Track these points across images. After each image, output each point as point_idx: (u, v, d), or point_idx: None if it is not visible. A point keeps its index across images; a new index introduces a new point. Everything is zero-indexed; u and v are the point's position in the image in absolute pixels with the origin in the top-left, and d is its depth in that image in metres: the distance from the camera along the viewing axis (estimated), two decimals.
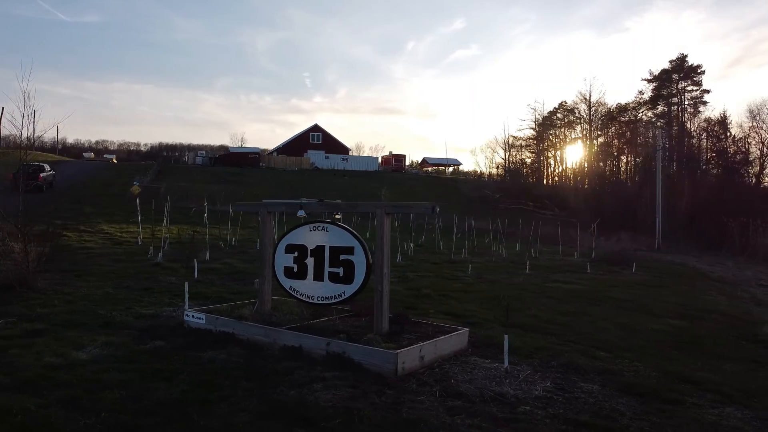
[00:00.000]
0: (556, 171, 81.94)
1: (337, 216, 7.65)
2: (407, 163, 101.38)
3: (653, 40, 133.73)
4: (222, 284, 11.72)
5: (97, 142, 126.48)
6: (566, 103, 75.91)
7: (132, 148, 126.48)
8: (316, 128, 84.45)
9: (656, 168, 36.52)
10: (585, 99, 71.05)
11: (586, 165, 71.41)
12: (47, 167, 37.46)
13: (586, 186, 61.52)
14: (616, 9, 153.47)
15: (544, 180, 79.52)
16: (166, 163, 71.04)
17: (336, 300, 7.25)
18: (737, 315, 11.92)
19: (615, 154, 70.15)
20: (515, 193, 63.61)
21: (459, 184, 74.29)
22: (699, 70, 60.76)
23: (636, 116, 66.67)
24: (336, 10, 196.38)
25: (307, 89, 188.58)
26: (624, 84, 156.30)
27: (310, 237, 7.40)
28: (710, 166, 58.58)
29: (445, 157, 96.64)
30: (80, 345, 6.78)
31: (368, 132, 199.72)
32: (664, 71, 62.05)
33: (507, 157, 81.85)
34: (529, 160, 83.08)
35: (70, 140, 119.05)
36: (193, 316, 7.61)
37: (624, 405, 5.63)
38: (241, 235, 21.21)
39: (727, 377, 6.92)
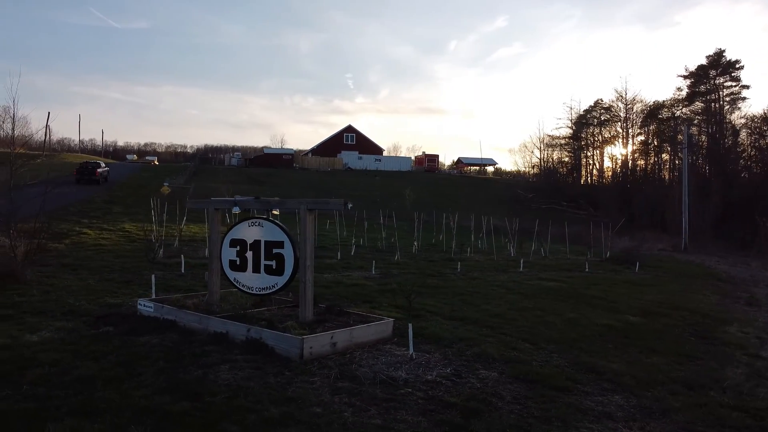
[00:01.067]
0: (594, 170, 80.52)
1: (275, 213, 8.16)
2: (446, 163, 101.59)
3: (705, 35, 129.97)
4: (203, 278, 12.37)
5: (145, 145, 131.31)
6: (602, 100, 74.57)
7: (179, 150, 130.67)
8: (350, 129, 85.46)
9: (683, 165, 35.70)
10: (621, 97, 69.68)
11: (620, 164, 70.05)
12: (103, 164, 45.13)
13: (618, 185, 60.34)
14: (667, 2, 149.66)
15: (582, 179, 78.30)
16: (203, 164, 73.17)
17: (270, 290, 7.77)
18: (711, 314, 11.85)
19: (653, 152, 68.51)
20: (548, 192, 63.05)
21: (491, 183, 74.04)
22: (737, 66, 58.70)
23: (674, 113, 64.88)
24: (378, 11, 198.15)
25: (349, 90, 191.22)
26: (668, 80, 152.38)
27: (249, 232, 7.94)
28: (750, 163, 56.61)
29: (480, 156, 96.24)
30: (36, 329, 7.50)
31: (408, 132, 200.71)
32: (700, 67, 60.21)
33: (542, 156, 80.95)
34: (566, 159, 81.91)
35: (120, 143, 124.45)
36: (144, 305, 8.27)
37: (509, 391, 5.95)
38: None
39: (640, 369, 7.09)
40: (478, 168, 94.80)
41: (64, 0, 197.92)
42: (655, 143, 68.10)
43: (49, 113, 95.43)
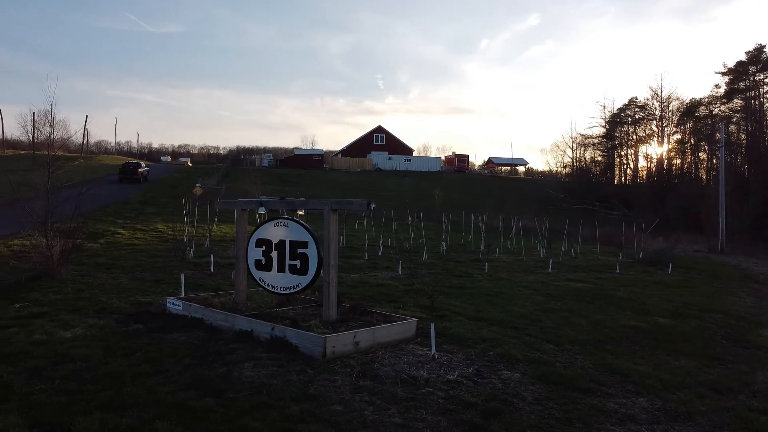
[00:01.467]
0: (628, 170, 79.06)
1: (300, 213, 8.27)
2: (476, 163, 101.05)
3: (744, 30, 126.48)
4: (231, 277, 12.59)
5: (179, 146, 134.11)
6: (637, 99, 73.24)
7: (211, 152, 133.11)
8: (379, 130, 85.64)
9: (719, 163, 34.81)
10: (656, 94, 68.34)
11: (655, 163, 68.65)
12: (143, 164, 49.99)
13: (653, 185, 59.11)
14: None
15: (615, 179, 77.00)
16: (235, 165, 74.25)
17: (295, 290, 7.88)
18: (745, 316, 11.54)
19: (689, 151, 66.96)
20: (580, 192, 62.17)
21: (522, 184, 73.34)
22: None
23: (711, 111, 63.29)
24: (408, 11, 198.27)
25: (379, 91, 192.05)
26: (705, 77, 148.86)
27: (274, 232, 8.06)
28: None
29: (511, 156, 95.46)
30: (70, 326, 7.75)
31: (438, 132, 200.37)
32: (739, 63, 58.65)
33: (574, 155, 79.88)
34: (599, 158, 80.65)
35: (155, 145, 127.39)
36: (173, 304, 8.46)
37: (530, 392, 5.92)
38: None
39: (666, 372, 6.96)
40: (509, 168, 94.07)
41: (103, 6, 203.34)
42: (692, 142, 66.58)
43: (87, 116, 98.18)
